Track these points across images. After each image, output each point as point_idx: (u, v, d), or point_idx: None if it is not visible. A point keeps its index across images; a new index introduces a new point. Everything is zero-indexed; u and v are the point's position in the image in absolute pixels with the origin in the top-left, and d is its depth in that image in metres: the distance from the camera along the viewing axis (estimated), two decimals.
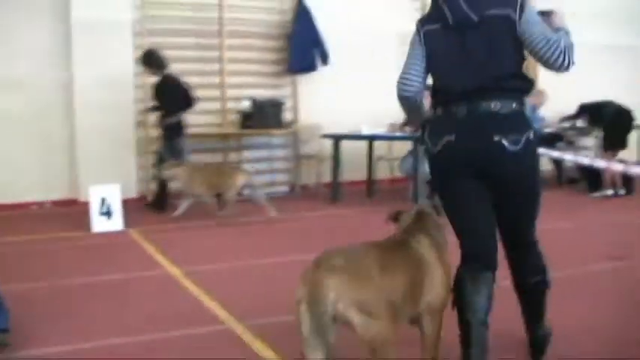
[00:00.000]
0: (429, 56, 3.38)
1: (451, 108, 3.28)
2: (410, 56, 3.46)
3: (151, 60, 8.90)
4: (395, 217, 3.60)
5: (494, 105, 3.19)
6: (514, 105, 3.22)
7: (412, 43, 3.48)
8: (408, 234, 3.34)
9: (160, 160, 8.88)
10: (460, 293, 3.24)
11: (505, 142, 3.14)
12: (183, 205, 8.58)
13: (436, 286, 3.22)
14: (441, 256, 3.30)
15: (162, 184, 9.01)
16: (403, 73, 3.44)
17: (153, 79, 9.01)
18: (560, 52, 3.15)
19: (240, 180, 8.33)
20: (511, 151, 3.15)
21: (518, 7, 3.16)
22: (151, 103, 9.12)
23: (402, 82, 3.42)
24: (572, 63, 3.19)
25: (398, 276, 3.03)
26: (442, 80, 3.37)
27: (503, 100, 3.20)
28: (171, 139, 8.88)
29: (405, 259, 3.17)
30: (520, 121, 3.22)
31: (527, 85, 3.32)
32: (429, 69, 3.41)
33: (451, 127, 3.25)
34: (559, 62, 3.17)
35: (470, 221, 3.31)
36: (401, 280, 3.04)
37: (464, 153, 3.22)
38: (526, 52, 3.27)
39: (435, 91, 3.42)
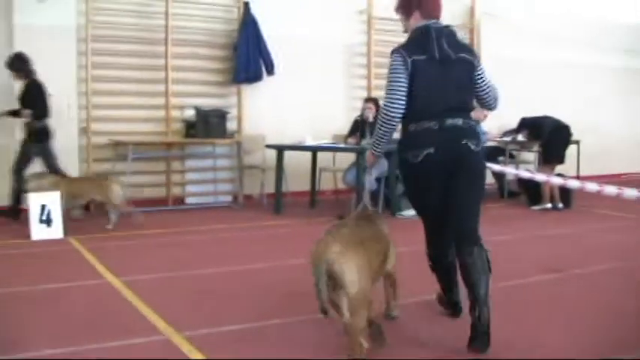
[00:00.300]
0: (413, 80, 4.15)
1: (424, 124, 4.18)
2: (395, 80, 4.18)
3: (20, 64, 8.69)
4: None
5: (458, 120, 4.20)
6: (469, 120, 4.27)
7: (396, 69, 4.18)
8: (371, 220, 4.40)
9: (19, 164, 8.66)
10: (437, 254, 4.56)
11: (470, 144, 4.20)
12: (112, 216, 8.48)
13: (393, 258, 4.45)
14: (392, 237, 4.48)
15: (18, 192, 8.72)
16: (393, 96, 4.17)
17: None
18: (495, 99, 4.56)
19: (115, 191, 8.35)
20: (474, 150, 4.21)
21: (477, 59, 4.36)
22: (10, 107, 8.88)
23: (392, 106, 4.17)
24: (497, 107, 4.65)
25: (377, 246, 4.11)
26: (422, 101, 4.18)
27: (463, 117, 4.23)
28: (42, 141, 8.73)
29: (380, 234, 4.30)
30: (474, 131, 4.29)
31: (472, 108, 4.45)
32: (410, 91, 4.16)
33: (430, 141, 4.16)
34: (491, 106, 4.61)
35: (433, 209, 4.36)
36: (379, 249, 4.13)
37: (440, 160, 4.17)
38: None
39: (410, 109, 4.19)
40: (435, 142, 4.14)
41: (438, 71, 4.16)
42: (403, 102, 4.14)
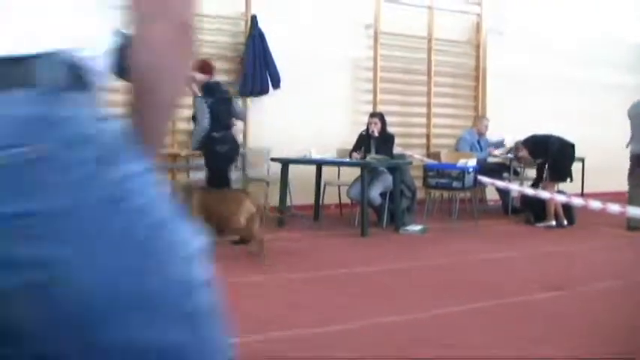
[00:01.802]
0: (212, 111, 7.73)
1: (221, 132, 7.84)
2: (202, 112, 7.70)
3: None
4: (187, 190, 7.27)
5: (232, 132, 8.42)
6: (232, 132, 8.45)
7: (202, 105, 7.73)
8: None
9: None
10: None
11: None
12: None
13: None
14: None
15: None
16: (203, 120, 7.73)
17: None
18: (244, 115, 9.20)
19: None
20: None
21: (232, 97, 8.42)
22: None
23: (203, 124, 7.74)
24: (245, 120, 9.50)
25: None
26: (218, 121, 7.77)
27: (231, 130, 8.36)
28: None
29: None
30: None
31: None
32: (212, 116, 7.76)
33: (227, 141, 7.96)
34: (242, 120, 9.18)
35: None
36: None
37: (230, 150, 8.08)
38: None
39: (213, 126, 7.76)
40: (229, 143, 8.04)
41: (223, 106, 7.95)
42: (209, 123, 7.73)
